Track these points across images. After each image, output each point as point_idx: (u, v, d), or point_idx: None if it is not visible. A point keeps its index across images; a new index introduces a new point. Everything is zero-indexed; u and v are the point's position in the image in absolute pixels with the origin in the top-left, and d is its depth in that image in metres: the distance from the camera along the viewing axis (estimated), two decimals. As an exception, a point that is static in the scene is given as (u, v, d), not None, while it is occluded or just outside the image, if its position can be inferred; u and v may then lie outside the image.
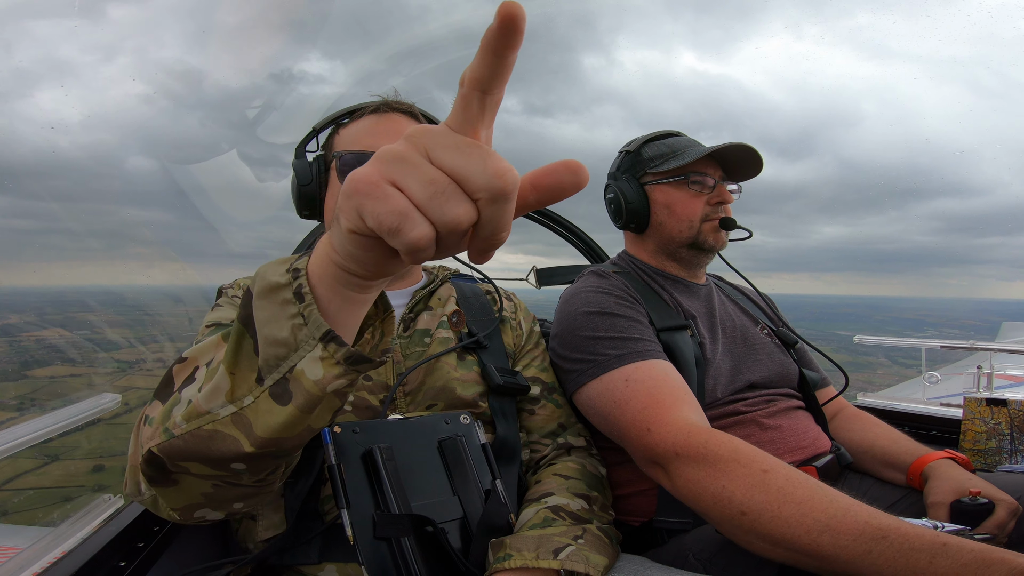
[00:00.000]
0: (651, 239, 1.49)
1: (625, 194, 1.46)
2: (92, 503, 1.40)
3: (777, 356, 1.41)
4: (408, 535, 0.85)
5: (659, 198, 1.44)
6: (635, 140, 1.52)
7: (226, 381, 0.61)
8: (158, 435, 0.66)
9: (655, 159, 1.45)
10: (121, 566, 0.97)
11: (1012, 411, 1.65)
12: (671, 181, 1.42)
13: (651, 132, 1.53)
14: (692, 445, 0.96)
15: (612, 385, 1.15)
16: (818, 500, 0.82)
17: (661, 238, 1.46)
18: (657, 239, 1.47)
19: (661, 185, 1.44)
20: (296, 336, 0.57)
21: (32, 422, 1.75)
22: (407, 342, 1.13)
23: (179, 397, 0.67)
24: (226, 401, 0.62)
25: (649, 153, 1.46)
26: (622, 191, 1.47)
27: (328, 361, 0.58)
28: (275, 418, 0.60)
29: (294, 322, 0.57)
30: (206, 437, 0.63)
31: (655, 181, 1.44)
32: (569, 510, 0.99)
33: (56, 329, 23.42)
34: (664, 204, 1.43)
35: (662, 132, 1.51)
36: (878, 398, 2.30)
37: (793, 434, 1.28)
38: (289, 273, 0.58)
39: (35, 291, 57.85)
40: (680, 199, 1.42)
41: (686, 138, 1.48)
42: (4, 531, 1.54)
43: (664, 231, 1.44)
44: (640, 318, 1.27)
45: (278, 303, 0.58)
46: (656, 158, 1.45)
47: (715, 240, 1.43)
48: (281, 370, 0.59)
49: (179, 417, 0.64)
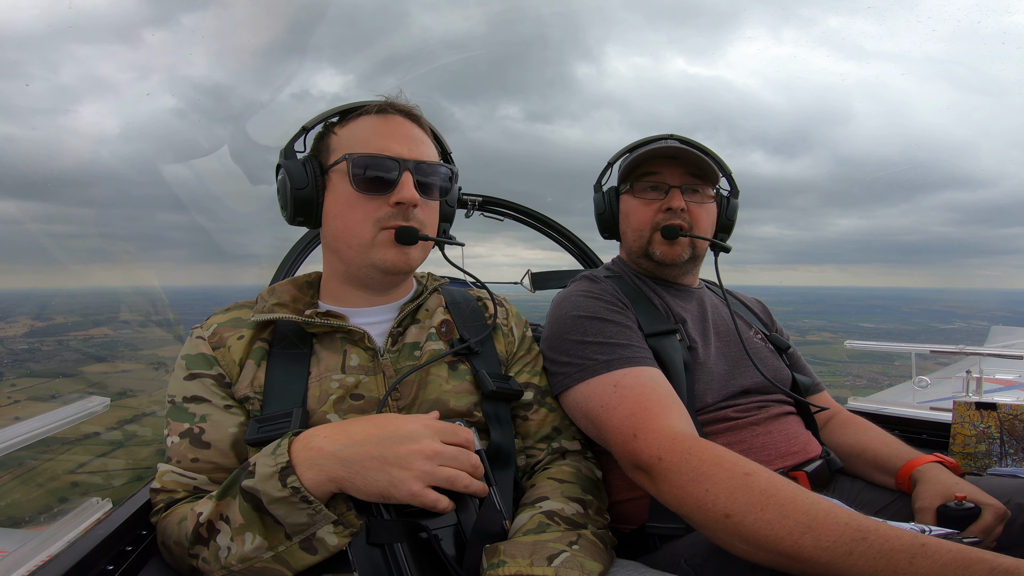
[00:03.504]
0: (624, 247, 1.51)
1: (596, 204, 1.50)
2: (81, 506, 1.38)
3: (770, 361, 1.41)
4: (401, 541, 0.85)
5: (623, 208, 1.46)
6: (628, 146, 1.49)
7: (263, 541, 0.83)
8: (217, 570, 0.87)
9: (624, 170, 1.45)
10: (108, 570, 0.95)
11: (1002, 415, 1.67)
12: (628, 189, 1.44)
13: (646, 136, 1.49)
14: (676, 451, 0.96)
15: (600, 390, 1.15)
16: (800, 502, 0.82)
17: (627, 247, 1.48)
18: (626, 247, 1.49)
19: (623, 195, 1.46)
20: (312, 519, 0.83)
21: (25, 423, 1.74)
22: (396, 356, 1.12)
23: (217, 544, 0.87)
24: (267, 550, 0.84)
25: (622, 164, 1.47)
26: (595, 202, 1.51)
27: (341, 532, 0.84)
28: (308, 560, 0.85)
29: (308, 511, 0.82)
30: (259, 570, 0.85)
31: (621, 191, 1.46)
32: (564, 515, 0.99)
33: (101, 328, 23.62)
34: (624, 213, 1.46)
35: (654, 137, 1.47)
36: (868, 402, 2.31)
37: (784, 440, 1.29)
38: (287, 489, 0.81)
39: (76, 292, 57.79)
40: (633, 208, 1.42)
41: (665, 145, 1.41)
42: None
43: (625, 240, 1.47)
44: (629, 324, 1.26)
45: (289, 505, 0.82)
46: (624, 169, 1.45)
47: (662, 252, 1.38)
48: (305, 535, 0.84)
49: (234, 560, 0.85)
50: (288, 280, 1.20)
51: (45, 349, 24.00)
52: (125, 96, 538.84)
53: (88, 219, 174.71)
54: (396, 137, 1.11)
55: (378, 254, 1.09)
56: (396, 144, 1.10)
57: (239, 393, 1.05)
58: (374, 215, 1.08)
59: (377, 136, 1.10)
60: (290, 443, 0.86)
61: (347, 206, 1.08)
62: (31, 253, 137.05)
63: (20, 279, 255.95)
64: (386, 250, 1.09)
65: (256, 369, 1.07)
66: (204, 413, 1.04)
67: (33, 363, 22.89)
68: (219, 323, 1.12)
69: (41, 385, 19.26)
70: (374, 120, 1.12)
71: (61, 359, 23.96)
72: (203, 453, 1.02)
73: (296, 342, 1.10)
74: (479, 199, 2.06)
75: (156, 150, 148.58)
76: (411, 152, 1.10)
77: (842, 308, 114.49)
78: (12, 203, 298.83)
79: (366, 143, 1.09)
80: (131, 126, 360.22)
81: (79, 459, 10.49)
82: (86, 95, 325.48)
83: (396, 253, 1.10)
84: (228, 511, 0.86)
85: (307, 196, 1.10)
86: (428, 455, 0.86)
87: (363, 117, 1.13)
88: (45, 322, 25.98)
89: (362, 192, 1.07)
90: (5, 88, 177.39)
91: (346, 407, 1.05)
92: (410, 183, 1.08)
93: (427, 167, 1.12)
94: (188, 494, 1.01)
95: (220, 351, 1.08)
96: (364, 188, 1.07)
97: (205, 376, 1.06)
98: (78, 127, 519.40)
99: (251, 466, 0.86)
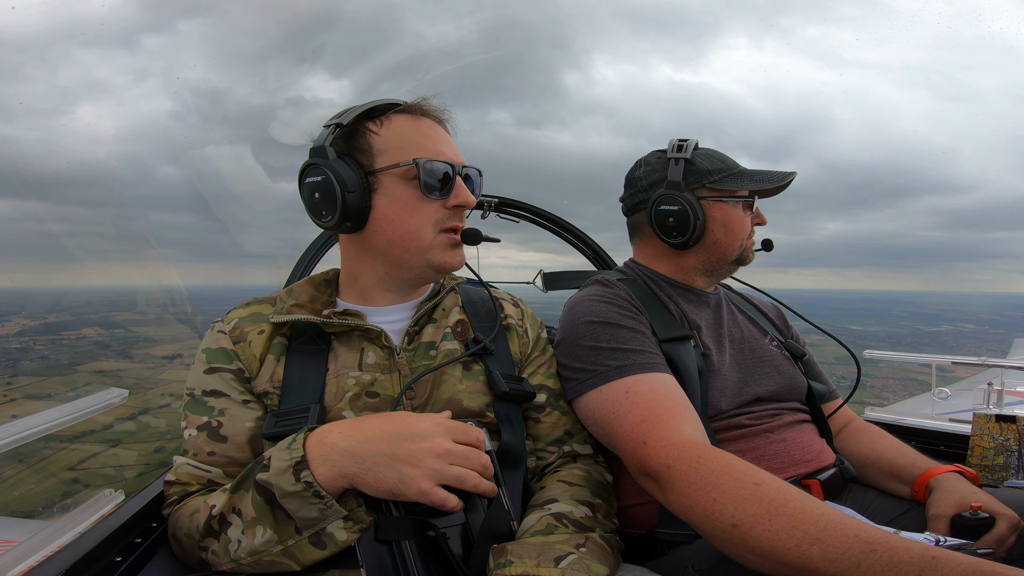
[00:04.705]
0: (696, 255, 1.42)
1: (694, 209, 1.34)
2: (93, 497, 1.40)
3: (785, 368, 1.39)
4: (409, 539, 0.85)
5: (717, 215, 1.38)
6: (683, 146, 1.41)
7: (273, 534, 0.84)
8: (226, 563, 0.88)
9: (714, 173, 1.38)
10: (117, 561, 0.96)
11: (1021, 427, 1.64)
12: (730, 200, 1.38)
13: (683, 139, 1.43)
14: (685, 459, 0.95)
15: (612, 396, 1.14)
16: (808, 513, 0.81)
17: (711, 255, 1.41)
18: (706, 255, 1.42)
19: (720, 202, 1.38)
20: (323, 514, 0.84)
21: (44, 413, 1.77)
22: (412, 355, 1.12)
23: (228, 537, 0.88)
24: (277, 543, 0.85)
25: (707, 166, 1.39)
26: (691, 206, 1.35)
27: (350, 528, 0.85)
28: (316, 554, 0.85)
29: (319, 506, 0.83)
30: (267, 564, 0.86)
31: (714, 197, 1.37)
32: (572, 517, 0.98)
33: (94, 328, 24.15)
34: (722, 222, 1.38)
35: (699, 143, 1.43)
36: (886, 413, 2.28)
37: (797, 447, 1.27)
38: (300, 483, 0.82)
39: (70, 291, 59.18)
40: (737, 218, 1.39)
41: (723, 154, 1.45)
42: (4, 524, 1.54)
43: (718, 249, 1.40)
44: (643, 329, 1.25)
45: (301, 499, 0.83)
46: (714, 172, 1.38)
47: (750, 258, 1.44)
48: (315, 529, 0.84)
49: (243, 553, 0.86)
50: (305, 279, 1.20)
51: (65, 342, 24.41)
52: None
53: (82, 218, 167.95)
54: (443, 140, 1.12)
55: (436, 256, 1.10)
56: (445, 148, 1.11)
57: (259, 388, 1.06)
58: (433, 217, 1.09)
59: (429, 139, 1.10)
60: (305, 438, 0.87)
61: (408, 210, 1.08)
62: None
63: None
64: (444, 252, 1.10)
65: (276, 364, 1.07)
66: (223, 407, 1.05)
67: (46, 358, 23.35)
68: (239, 317, 1.12)
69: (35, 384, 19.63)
70: (414, 121, 1.11)
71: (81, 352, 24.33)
72: (220, 447, 1.02)
73: (314, 338, 1.10)
74: (495, 200, 2.06)
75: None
76: (456, 155, 1.12)
77: (833, 311, 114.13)
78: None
79: (421, 147, 1.08)
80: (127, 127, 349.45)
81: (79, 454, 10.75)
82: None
83: (454, 255, 1.12)
84: (241, 504, 0.87)
85: (357, 200, 1.05)
86: (439, 453, 0.86)
87: (399, 116, 1.11)
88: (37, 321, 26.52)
89: (427, 196, 1.07)
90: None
91: (362, 404, 1.05)
92: (464, 187, 1.11)
93: (470, 171, 1.14)
94: (202, 487, 1.02)
95: (240, 345, 1.08)
96: (429, 192, 1.07)
97: (224, 371, 1.07)
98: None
99: (266, 460, 0.87)
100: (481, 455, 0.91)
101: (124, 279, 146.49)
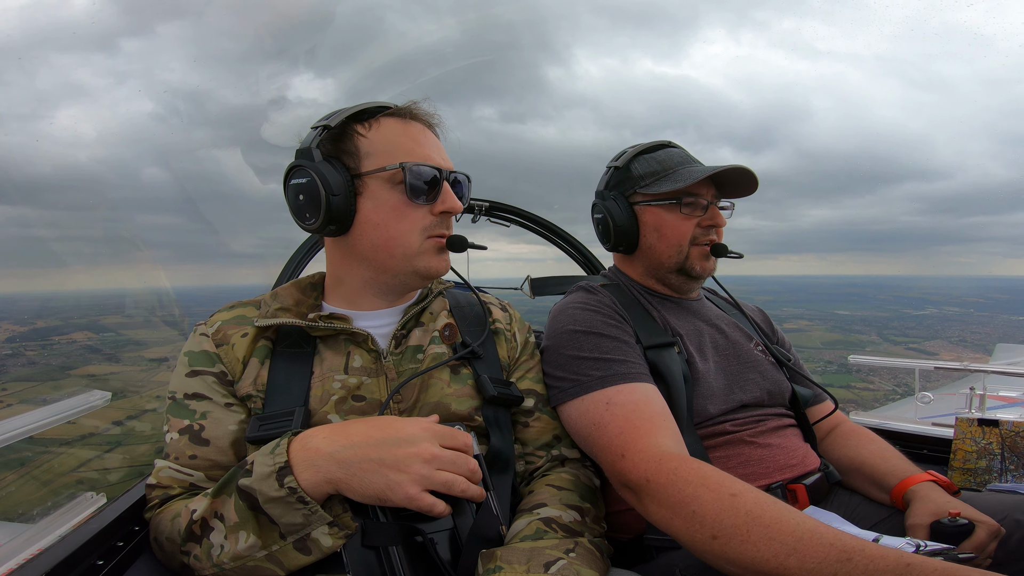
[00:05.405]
0: (639, 261, 1.46)
1: (613, 215, 1.40)
2: (74, 500, 1.37)
3: (770, 373, 1.40)
4: (396, 544, 0.84)
5: (649, 220, 1.39)
6: (624, 153, 1.45)
7: (256, 540, 0.83)
8: (209, 568, 0.87)
9: (645, 177, 1.39)
10: (98, 565, 0.95)
11: (1004, 431, 1.66)
12: (663, 204, 1.37)
13: (639, 144, 1.46)
14: (663, 471, 0.96)
15: (593, 406, 1.14)
16: (785, 523, 0.82)
17: (650, 261, 1.43)
18: (646, 262, 1.44)
19: (652, 206, 1.39)
20: (308, 520, 0.82)
21: (26, 415, 1.74)
22: (399, 359, 1.11)
23: (210, 542, 0.86)
24: (261, 549, 0.83)
25: (639, 170, 1.41)
26: (610, 211, 1.41)
27: (336, 534, 0.83)
28: (301, 560, 0.84)
29: (303, 512, 0.81)
30: (251, 569, 0.85)
31: (645, 202, 1.39)
32: (561, 522, 0.98)
33: (84, 332, 23.95)
34: (654, 227, 1.39)
35: (653, 144, 1.45)
36: (871, 416, 2.30)
37: (782, 453, 1.27)
38: (284, 489, 0.80)
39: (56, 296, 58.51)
40: (670, 222, 1.37)
41: (677, 151, 1.43)
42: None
43: (653, 254, 1.41)
44: (626, 338, 1.25)
45: (285, 505, 0.81)
46: (646, 176, 1.39)
47: (702, 267, 1.39)
48: (299, 535, 0.83)
49: (227, 558, 0.84)
50: (291, 283, 1.19)
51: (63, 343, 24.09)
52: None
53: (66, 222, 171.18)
54: (431, 145, 1.11)
55: (423, 262, 1.09)
56: (434, 153, 1.10)
57: (242, 391, 1.05)
58: (420, 224, 1.07)
59: (417, 144, 1.08)
60: (289, 443, 0.86)
61: (394, 215, 1.06)
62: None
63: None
64: (431, 258, 1.09)
65: (259, 367, 1.06)
66: (205, 410, 1.03)
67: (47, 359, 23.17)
68: (223, 320, 1.11)
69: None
70: (403, 125, 1.10)
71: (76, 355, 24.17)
72: (201, 450, 1.01)
73: (300, 341, 1.09)
74: (486, 204, 2.06)
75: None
76: (444, 160, 1.11)
77: (820, 296, 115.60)
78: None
79: (410, 151, 1.07)
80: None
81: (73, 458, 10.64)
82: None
83: (440, 260, 1.11)
84: (223, 509, 0.85)
85: (342, 203, 1.04)
86: (426, 459, 0.85)
87: (388, 120, 1.09)
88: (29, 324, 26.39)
89: (413, 201, 1.06)
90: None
91: (348, 408, 1.04)
92: (451, 192, 1.09)
93: (458, 177, 1.13)
94: (184, 491, 1.00)
95: (223, 348, 1.07)
96: (416, 197, 1.06)
97: (207, 373, 1.05)
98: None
99: (249, 464, 0.86)
100: (469, 460, 0.90)
101: (112, 282, 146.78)
